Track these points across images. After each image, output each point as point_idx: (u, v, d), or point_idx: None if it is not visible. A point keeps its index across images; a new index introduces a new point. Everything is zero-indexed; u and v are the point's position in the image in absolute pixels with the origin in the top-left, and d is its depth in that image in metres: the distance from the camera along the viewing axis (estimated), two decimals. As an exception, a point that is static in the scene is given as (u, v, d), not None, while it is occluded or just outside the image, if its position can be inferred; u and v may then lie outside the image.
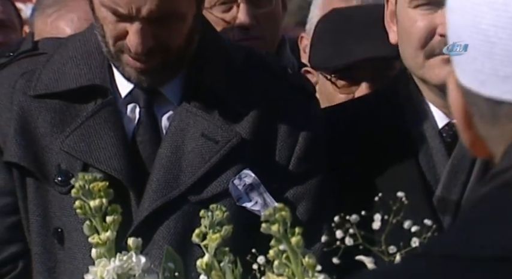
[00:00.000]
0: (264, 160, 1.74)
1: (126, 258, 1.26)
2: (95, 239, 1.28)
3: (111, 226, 1.29)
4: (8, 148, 1.72)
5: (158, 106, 1.76)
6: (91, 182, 1.29)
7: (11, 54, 1.86)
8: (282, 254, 1.28)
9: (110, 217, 1.29)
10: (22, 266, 1.72)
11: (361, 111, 1.89)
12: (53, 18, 2.10)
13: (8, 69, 1.78)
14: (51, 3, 2.14)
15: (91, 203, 1.29)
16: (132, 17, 1.65)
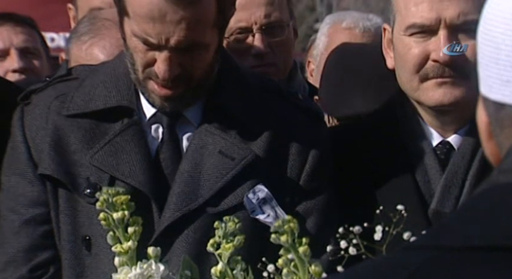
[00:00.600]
0: (276, 176, 1.74)
1: (146, 266, 1.26)
2: (117, 248, 1.29)
3: (133, 236, 1.29)
4: (43, 162, 1.71)
5: (180, 126, 1.76)
6: (114, 196, 1.29)
7: (47, 79, 1.86)
8: (290, 263, 1.28)
9: (132, 228, 1.29)
10: (53, 271, 1.71)
11: (362, 132, 1.88)
12: (87, 45, 2.11)
13: (45, 92, 1.78)
14: (86, 31, 2.14)
15: (114, 215, 1.29)
16: (161, 46, 1.65)
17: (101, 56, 2.09)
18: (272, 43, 2.26)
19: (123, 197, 1.29)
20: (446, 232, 0.79)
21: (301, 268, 1.27)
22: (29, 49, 2.90)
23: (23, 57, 2.86)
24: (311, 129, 1.79)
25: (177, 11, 1.62)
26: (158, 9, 1.62)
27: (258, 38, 2.24)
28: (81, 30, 2.16)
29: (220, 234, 1.32)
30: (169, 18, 1.62)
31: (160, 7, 1.62)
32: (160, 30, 1.63)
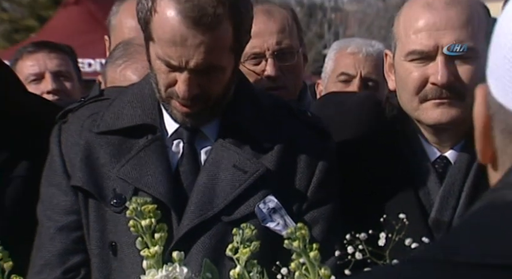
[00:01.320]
0: (286, 188, 1.73)
1: (171, 269, 1.26)
2: (145, 253, 1.28)
3: (159, 241, 1.28)
4: (75, 174, 1.71)
5: (198, 141, 1.75)
6: (143, 205, 1.29)
7: (82, 99, 1.86)
8: (302, 266, 1.27)
9: (158, 234, 1.28)
10: (84, 273, 1.71)
11: (366, 147, 1.86)
12: (121, 68, 2.11)
13: (79, 111, 1.78)
14: (120, 55, 2.15)
15: (142, 223, 1.28)
16: (181, 68, 1.65)
17: (134, 77, 2.10)
18: (283, 67, 2.27)
19: (150, 206, 1.28)
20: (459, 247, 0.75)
21: (311, 271, 1.26)
22: (62, 73, 2.94)
23: (56, 79, 2.90)
24: (318, 144, 1.78)
25: (197, 36, 1.62)
26: (180, 35, 1.62)
27: (271, 62, 2.24)
28: (116, 55, 2.18)
29: (238, 240, 1.30)
30: (190, 43, 1.62)
31: (181, 33, 1.62)
32: (181, 53, 1.63)
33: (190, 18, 1.61)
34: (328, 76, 2.89)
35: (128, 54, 2.12)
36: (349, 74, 2.82)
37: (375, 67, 2.83)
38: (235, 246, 1.30)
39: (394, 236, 1.33)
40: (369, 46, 2.91)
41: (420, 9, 1.77)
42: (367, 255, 1.31)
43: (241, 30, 1.70)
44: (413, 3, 1.81)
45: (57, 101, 2.65)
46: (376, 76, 2.82)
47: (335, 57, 2.91)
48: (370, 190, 1.75)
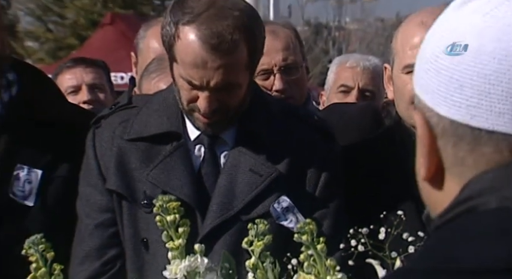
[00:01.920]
0: (297, 189, 1.71)
1: (193, 259, 1.25)
2: (170, 245, 1.27)
3: (182, 235, 1.28)
4: (109, 178, 1.71)
5: (218, 147, 1.74)
6: (168, 203, 1.28)
7: (113, 106, 1.85)
8: (310, 258, 1.26)
9: (181, 228, 1.28)
10: (119, 265, 1.70)
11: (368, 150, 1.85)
12: (155, 81, 2.12)
13: (110, 118, 1.77)
14: (155, 70, 2.16)
15: (168, 218, 1.28)
16: (202, 87, 1.64)
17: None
18: (289, 81, 2.27)
19: (174, 204, 1.28)
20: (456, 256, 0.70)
21: (319, 262, 1.26)
22: (96, 85, 2.97)
23: (91, 91, 2.93)
24: (325, 146, 1.76)
25: (216, 60, 1.61)
26: (200, 59, 1.61)
27: (278, 77, 2.25)
28: (151, 69, 2.18)
29: (253, 234, 1.30)
30: (210, 66, 1.61)
31: (202, 56, 1.61)
32: (202, 74, 1.62)
33: (209, 44, 1.59)
34: (330, 88, 2.91)
35: (161, 69, 2.11)
36: (348, 86, 2.84)
37: (371, 80, 2.84)
38: (250, 239, 1.29)
39: (392, 231, 1.32)
40: (366, 61, 2.92)
41: (416, 28, 1.75)
42: (369, 247, 1.30)
43: (255, 50, 1.69)
44: (410, 22, 1.80)
45: (92, 110, 2.66)
46: (372, 87, 2.84)
47: (336, 71, 2.93)
48: (371, 189, 1.72)
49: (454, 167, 0.75)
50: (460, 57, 0.74)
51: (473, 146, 0.72)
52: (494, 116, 0.71)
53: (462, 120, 0.72)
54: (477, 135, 0.72)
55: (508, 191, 0.70)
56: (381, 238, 1.32)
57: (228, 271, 1.30)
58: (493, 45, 0.72)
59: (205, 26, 1.60)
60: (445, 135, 0.74)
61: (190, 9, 1.62)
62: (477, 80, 0.72)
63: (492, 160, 0.72)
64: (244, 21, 1.63)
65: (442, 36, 0.76)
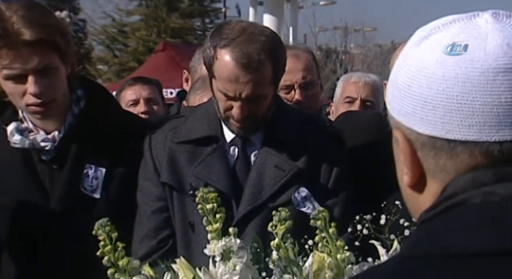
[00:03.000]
0: (313, 182, 1.69)
1: (228, 240, 1.23)
2: (209, 228, 1.25)
3: (219, 220, 1.25)
4: (163, 173, 1.70)
5: (249, 147, 1.72)
6: (207, 194, 1.26)
7: (166, 116, 1.90)
8: (323, 239, 1.24)
9: (218, 214, 1.26)
10: (172, 243, 1.69)
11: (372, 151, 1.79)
12: (200, 96, 2.10)
13: (164, 126, 1.78)
14: (199, 87, 2.14)
15: (207, 206, 1.26)
16: (235, 98, 1.63)
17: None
18: (307, 95, 2.26)
19: (212, 194, 1.26)
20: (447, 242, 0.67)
21: (331, 243, 1.24)
22: (151, 99, 2.98)
23: (147, 104, 2.95)
24: (335, 148, 1.74)
25: (246, 76, 1.59)
26: (234, 74, 1.60)
27: (298, 92, 2.24)
28: (197, 86, 2.18)
29: (277, 219, 1.28)
30: (241, 80, 1.60)
31: (235, 73, 1.59)
32: (235, 88, 1.61)
33: (241, 63, 1.59)
34: (338, 99, 2.91)
35: (205, 86, 2.10)
36: (352, 97, 2.82)
37: (371, 92, 2.83)
38: (275, 224, 1.27)
39: (391, 217, 1.29)
40: (367, 77, 2.92)
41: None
42: (372, 231, 1.28)
43: (278, 68, 1.67)
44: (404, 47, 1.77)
45: (147, 119, 2.67)
46: (372, 98, 2.83)
47: (342, 85, 2.94)
48: (374, 183, 1.68)
49: (437, 173, 0.72)
50: (429, 84, 0.71)
51: (451, 155, 0.70)
52: (465, 129, 0.68)
53: (439, 135, 0.70)
54: (453, 145, 0.70)
55: (489, 187, 0.67)
56: (382, 223, 1.29)
57: (256, 250, 1.28)
58: (455, 71, 0.69)
59: (238, 49, 1.59)
60: (425, 148, 0.72)
61: (226, 35, 1.61)
62: (447, 101, 0.69)
63: (469, 164, 0.69)
64: (269, 44, 1.62)
65: (409, 69, 0.74)
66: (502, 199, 0.66)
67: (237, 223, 1.58)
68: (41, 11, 1.60)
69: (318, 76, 2.39)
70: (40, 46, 1.56)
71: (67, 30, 1.66)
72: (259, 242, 1.31)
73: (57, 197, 1.67)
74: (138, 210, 1.72)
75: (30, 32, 1.54)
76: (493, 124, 0.67)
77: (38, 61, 1.56)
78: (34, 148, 1.68)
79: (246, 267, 1.21)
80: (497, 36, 0.67)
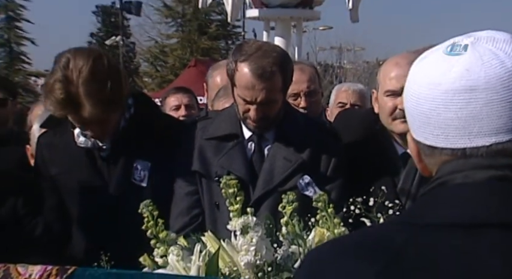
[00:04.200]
0: (315, 171, 1.66)
1: (246, 218, 1.21)
2: (231, 208, 1.24)
3: (239, 202, 1.23)
4: (194, 163, 1.68)
5: (263, 143, 1.69)
6: (229, 180, 1.25)
7: (197, 117, 1.84)
8: (323, 217, 1.22)
9: (238, 197, 1.24)
10: (201, 220, 1.67)
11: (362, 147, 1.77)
12: (223, 102, 2.06)
13: (196, 125, 1.76)
14: (222, 95, 2.10)
15: (229, 190, 1.24)
16: (252, 102, 1.61)
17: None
18: (311, 101, 2.23)
19: (234, 181, 1.24)
20: (421, 211, 0.66)
21: (329, 220, 1.22)
22: (190, 105, 2.95)
23: (187, 109, 2.91)
24: (333, 144, 1.71)
25: (260, 84, 1.58)
26: (251, 83, 1.58)
27: (303, 99, 2.21)
28: (220, 94, 2.14)
29: (285, 201, 1.26)
30: (256, 88, 1.58)
31: (251, 82, 1.58)
32: (252, 94, 1.59)
33: (256, 74, 1.57)
34: (332, 104, 2.89)
35: (227, 94, 2.06)
36: (343, 102, 2.81)
37: (359, 98, 2.81)
38: (284, 205, 1.25)
39: (378, 200, 1.27)
40: (355, 86, 2.92)
41: (392, 66, 1.68)
42: (362, 211, 1.25)
43: (287, 78, 1.65)
44: (388, 63, 1.73)
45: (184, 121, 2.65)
46: (360, 103, 2.81)
47: (336, 93, 2.94)
48: (365, 171, 1.66)
49: (430, 165, 0.70)
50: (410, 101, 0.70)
51: (434, 156, 0.68)
52: (434, 138, 0.67)
53: (423, 141, 0.69)
54: (433, 149, 0.68)
55: (466, 172, 0.64)
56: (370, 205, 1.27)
57: (269, 226, 1.26)
58: (425, 92, 0.67)
59: (254, 63, 1.58)
60: (421, 149, 0.70)
61: (245, 52, 1.61)
62: (420, 115, 0.68)
63: (445, 161, 0.67)
64: (279, 59, 1.60)
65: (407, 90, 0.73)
66: (475, 181, 0.64)
67: (253, 204, 1.56)
68: (101, 77, 1.51)
69: (320, 86, 2.37)
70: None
71: (119, 76, 1.58)
72: (271, 219, 1.29)
73: (113, 186, 1.68)
74: (175, 193, 1.70)
75: (89, 106, 1.50)
76: (454, 135, 0.64)
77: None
78: (94, 147, 1.68)
79: (261, 240, 1.18)
80: (462, 63, 0.64)
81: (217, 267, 1.20)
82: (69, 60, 1.52)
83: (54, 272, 1.20)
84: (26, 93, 20.13)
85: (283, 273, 1.17)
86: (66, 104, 1.51)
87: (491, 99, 0.61)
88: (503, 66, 0.62)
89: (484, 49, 0.64)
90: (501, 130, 0.61)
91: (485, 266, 0.57)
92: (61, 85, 1.49)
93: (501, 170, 0.61)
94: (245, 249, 1.18)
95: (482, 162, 0.62)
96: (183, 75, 11.73)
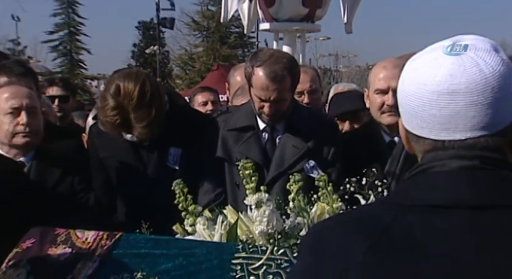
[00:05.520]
0: (318, 156, 1.64)
1: (259, 195, 1.20)
2: (247, 187, 1.22)
3: (254, 181, 1.22)
4: (218, 150, 1.67)
5: (275, 133, 1.67)
6: (246, 164, 1.23)
7: (218, 112, 1.85)
8: (323, 194, 1.20)
9: (253, 178, 1.22)
10: (224, 197, 1.65)
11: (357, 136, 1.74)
12: (240, 99, 2.03)
13: (219, 118, 1.74)
14: (240, 93, 2.07)
15: (246, 172, 1.22)
16: (266, 100, 1.59)
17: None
18: (313, 98, 2.19)
19: (249, 164, 1.22)
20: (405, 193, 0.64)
21: (329, 197, 1.20)
22: (215, 102, 2.92)
23: (213, 105, 2.85)
24: (333, 133, 1.69)
25: (273, 85, 1.56)
26: (265, 85, 1.56)
27: (306, 96, 2.16)
28: (237, 93, 2.11)
29: (293, 181, 1.24)
30: (269, 89, 1.56)
31: (266, 84, 1.56)
32: (265, 93, 1.57)
33: (269, 77, 1.55)
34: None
35: (243, 93, 2.04)
36: None
37: None
38: (291, 184, 1.23)
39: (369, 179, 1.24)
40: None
41: (381, 69, 1.65)
42: (356, 189, 1.23)
43: (294, 80, 1.62)
44: (377, 66, 1.69)
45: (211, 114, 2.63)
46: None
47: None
48: (358, 156, 1.63)
49: (416, 150, 0.68)
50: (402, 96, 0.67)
51: (419, 143, 0.66)
52: (420, 129, 0.65)
53: (411, 130, 0.67)
54: (418, 137, 0.66)
55: (444, 161, 0.63)
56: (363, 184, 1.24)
57: (279, 201, 1.25)
58: (415, 91, 0.65)
59: (268, 67, 1.56)
60: (409, 135, 0.68)
61: (260, 58, 1.59)
62: (410, 109, 0.65)
63: (427, 149, 0.65)
64: (289, 64, 1.58)
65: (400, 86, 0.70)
66: (450, 169, 0.62)
67: (267, 183, 1.54)
68: (147, 102, 1.50)
69: (320, 86, 2.33)
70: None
71: (160, 97, 1.57)
72: (281, 196, 1.28)
73: (151, 169, 1.68)
74: (202, 174, 1.69)
75: (139, 128, 1.50)
76: (436, 129, 0.63)
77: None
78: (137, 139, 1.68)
79: (272, 212, 1.17)
80: (447, 69, 0.62)
81: (236, 235, 1.19)
82: (119, 87, 1.50)
83: (105, 236, 1.20)
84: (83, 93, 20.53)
85: (290, 240, 1.16)
86: (119, 127, 1.53)
87: (469, 102, 0.61)
88: (481, 74, 0.61)
89: (467, 56, 0.62)
90: (474, 127, 0.61)
91: (456, 241, 0.57)
92: (115, 112, 1.49)
93: (471, 161, 0.61)
94: (259, 220, 1.17)
95: (457, 153, 0.62)
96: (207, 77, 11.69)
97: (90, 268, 1.15)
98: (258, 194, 1.18)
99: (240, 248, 1.12)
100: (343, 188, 1.25)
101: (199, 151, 1.70)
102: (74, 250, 1.20)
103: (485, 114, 0.60)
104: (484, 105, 0.60)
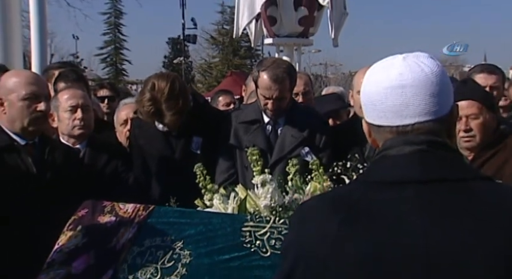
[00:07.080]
0: (312, 144, 1.61)
1: (264, 176, 1.18)
2: (254, 169, 1.20)
3: (260, 165, 1.19)
4: (231, 139, 1.64)
5: (277, 126, 1.64)
6: (253, 151, 1.20)
7: (232, 109, 1.83)
8: (316, 175, 1.17)
9: (259, 162, 1.19)
10: (236, 177, 1.63)
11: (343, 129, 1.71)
12: (253, 100, 1.99)
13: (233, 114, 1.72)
14: (253, 96, 2.00)
15: (253, 157, 1.20)
16: (270, 98, 1.57)
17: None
18: (306, 99, 2.13)
19: (256, 151, 1.20)
20: (371, 173, 0.65)
21: (320, 177, 1.17)
22: (232, 102, 2.85)
23: (233, 105, 2.78)
24: (324, 127, 1.66)
25: (275, 86, 1.53)
26: (269, 86, 1.54)
27: (301, 97, 2.11)
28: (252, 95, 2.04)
29: (291, 164, 1.22)
30: (272, 89, 1.53)
31: (270, 84, 1.54)
32: (270, 93, 1.55)
33: (272, 79, 1.53)
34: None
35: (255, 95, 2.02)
36: None
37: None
38: (289, 167, 1.21)
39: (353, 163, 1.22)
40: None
41: (362, 74, 1.60)
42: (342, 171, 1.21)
43: (293, 82, 1.60)
44: (359, 72, 1.65)
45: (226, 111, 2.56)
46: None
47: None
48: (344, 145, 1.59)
49: (378, 141, 0.67)
50: (364, 92, 0.67)
51: (380, 132, 0.66)
52: (378, 119, 0.65)
53: (372, 122, 0.67)
54: (379, 127, 0.66)
55: (399, 147, 0.64)
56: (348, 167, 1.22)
57: (280, 181, 1.22)
58: (371, 87, 0.65)
59: (271, 71, 1.54)
60: (371, 129, 0.68)
61: (264, 64, 1.58)
62: (369, 102, 0.66)
63: (386, 137, 0.65)
64: (288, 69, 1.57)
65: (362, 89, 0.68)
66: (403, 153, 0.63)
67: (270, 166, 1.52)
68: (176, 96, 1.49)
69: (312, 89, 2.29)
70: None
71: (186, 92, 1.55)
72: (282, 176, 1.26)
73: (178, 153, 1.67)
74: (218, 159, 1.66)
75: (169, 116, 1.49)
76: (391, 116, 0.64)
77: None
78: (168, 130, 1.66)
79: (274, 190, 1.15)
80: (397, 69, 0.64)
81: (245, 208, 1.17)
82: (154, 84, 1.52)
83: (141, 208, 1.20)
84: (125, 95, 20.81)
85: (289, 212, 1.14)
86: (153, 115, 1.52)
87: (415, 93, 0.63)
88: (423, 72, 0.64)
89: (411, 61, 0.65)
90: (421, 113, 0.63)
91: (407, 209, 0.59)
92: (150, 103, 1.49)
93: (420, 145, 0.62)
94: (264, 196, 1.15)
95: (409, 139, 0.63)
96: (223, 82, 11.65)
97: (130, 233, 1.16)
98: (263, 175, 1.17)
99: (248, 218, 1.11)
100: (332, 170, 1.23)
101: (216, 139, 1.68)
102: (117, 218, 1.20)
103: (428, 102, 0.62)
104: (427, 95, 0.62)
